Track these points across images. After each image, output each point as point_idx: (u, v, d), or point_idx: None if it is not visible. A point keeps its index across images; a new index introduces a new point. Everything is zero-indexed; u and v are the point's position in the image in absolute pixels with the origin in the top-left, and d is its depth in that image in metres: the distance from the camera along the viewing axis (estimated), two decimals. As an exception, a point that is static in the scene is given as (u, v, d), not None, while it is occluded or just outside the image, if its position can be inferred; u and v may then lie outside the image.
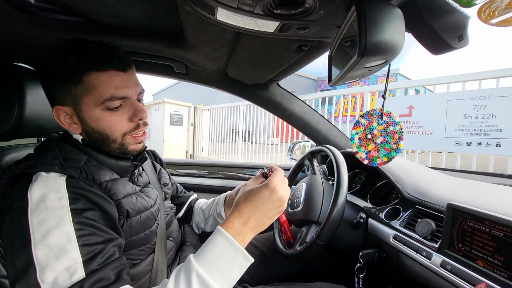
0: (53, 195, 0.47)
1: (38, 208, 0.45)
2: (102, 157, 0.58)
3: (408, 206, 0.80)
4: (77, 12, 0.73)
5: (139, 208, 0.60)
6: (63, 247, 0.43)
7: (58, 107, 0.55)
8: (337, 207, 0.76)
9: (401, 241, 0.75)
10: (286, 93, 1.16)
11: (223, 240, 0.48)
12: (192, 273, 0.44)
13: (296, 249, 0.85)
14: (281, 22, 0.48)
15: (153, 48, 0.85)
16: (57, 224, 0.44)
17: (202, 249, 0.48)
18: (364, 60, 0.35)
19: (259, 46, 0.70)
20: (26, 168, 0.50)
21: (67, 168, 0.52)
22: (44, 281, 0.41)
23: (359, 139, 0.56)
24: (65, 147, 0.55)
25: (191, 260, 0.46)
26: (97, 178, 0.54)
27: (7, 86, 0.61)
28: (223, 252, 0.47)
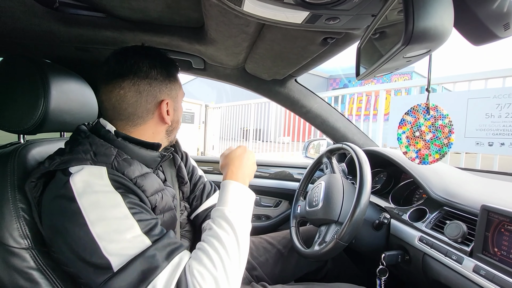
0: (98, 181, 0.49)
1: (86, 192, 0.47)
2: (133, 147, 0.59)
3: (435, 207, 0.77)
4: (99, 8, 0.73)
5: (163, 207, 0.60)
6: (121, 223, 0.47)
7: (167, 101, 0.62)
8: (360, 207, 0.73)
9: (427, 244, 0.71)
10: (304, 89, 1.13)
11: (232, 185, 0.60)
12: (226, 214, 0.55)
13: (316, 249, 0.83)
14: (311, 11, 0.46)
15: (173, 43, 0.84)
16: (110, 204, 0.48)
17: (221, 199, 0.59)
18: (408, 48, 0.32)
19: (282, 39, 0.68)
20: (60, 164, 0.51)
21: (97, 163, 0.52)
22: (111, 254, 0.44)
23: (406, 138, 0.53)
24: (95, 141, 0.56)
25: (218, 209, 0.57)
26: (127, 174, 0.54)
27: (33, 81, 0.61)
28: (236, 192, 0.60)
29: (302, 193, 1.11)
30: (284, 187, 1.42)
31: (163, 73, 0.61)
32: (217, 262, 0.48)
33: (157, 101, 0.61)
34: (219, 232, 0.52)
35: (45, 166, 0.52)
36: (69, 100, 0.70)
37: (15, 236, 0.52)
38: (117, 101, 0.58)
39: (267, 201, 1.43)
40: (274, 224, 1.37)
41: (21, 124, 0.61)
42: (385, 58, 0.39)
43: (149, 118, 0.61)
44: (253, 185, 1.42)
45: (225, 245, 0.50)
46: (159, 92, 0.61)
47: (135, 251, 0.45)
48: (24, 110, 0.61)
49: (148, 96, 0.59)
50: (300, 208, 1.05)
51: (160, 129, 0.64)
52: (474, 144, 2.51)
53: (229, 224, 0.53)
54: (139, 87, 0.58)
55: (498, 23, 0.43)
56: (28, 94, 0.61)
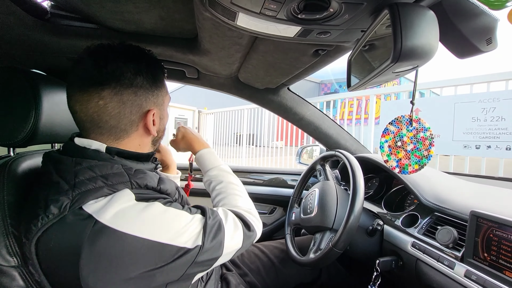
0: (129, 204, 0.46)
1: (126, 220, 0.44)
2: (131, 162, 0.54)
3: (426, 213, 0.78)
4: (92, 19, 0.73)
5: (181, 202, 0.60)
6: (175, 219, 0.49)
7: (154, 111, 0.56)
8: (354, 214, 0.74)
9: (420, 249, 0.73)
10: (297, 97, 1.15)
11: (208, 151, 0.79)
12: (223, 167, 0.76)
13: (311, 257, 0.83)
14: (303, 27, 0.48)
15: (167, 53, 0.84)
16: (155, 213, 0.47)
17: (210, 162, 0.76)
18: (397, 65, 0.34)
19: (275, 50, 0.69)
20: (73, 205, 0.44)
21: (115, 186, 0.47)
22: (185, 243, 0.48)
23: (388, 147, 0.55)
24: (91, 164, 0.49)
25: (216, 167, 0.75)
26: (150, 185, 0.51)
27: (23, 92, 0.60)
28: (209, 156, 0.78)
29: (297, 200, 1.12)
30: (278, 194, 1.42)
31: (149, 79, 0.54)
32: (242, 194, 0.71)
33: (142, 112, 0.54)
34: (229, 179, 0.72)
35: (53, 214, 0.43)
36: (61, 111, 0.69)
37: (3, 254, 0.50)
38: (96, 112, 0.50)
39: (261, 208, 1.43)
40: (269, 231, 1.37)
41: (11, 137, 0.60)
42: (375, 73, 0.40)
43: (134, 130, 0.54)
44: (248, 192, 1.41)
45: (237, 184, 0.72)
46: (145, 101, 0.54)
47: (198, 228, 0.51)
48: (14, 122, 0.60)
49: (133, 106, 0.52)
50: (294, 215, 1.06)
51: (146, 140, 0.58)
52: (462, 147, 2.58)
53: (228, 172, 0.75)
54: (123, 96, 0.50)
55: (481, 38, 0.45)
56: (18, 106, 0.60)
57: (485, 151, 2.45)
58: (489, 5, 0.41)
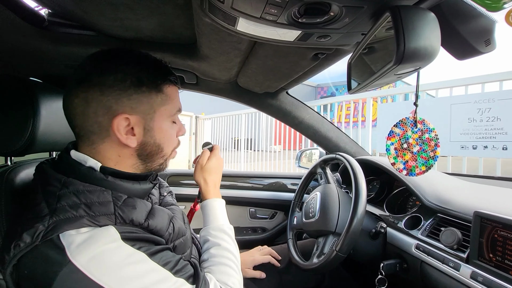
0: (111, 247, 0.42)
1: (107, 271, 0.40)
2: (125, 183, 0.51)
3: (429, 215, 0.78)
4: (90, 26, 0.73)
5: (176, 235, 0.56)
6: (160, 279, 0.45)
7: (125, 116, 0.49)
8: (357, 217, 0.74)
9: (424, 251, 0.72)
10: (296, 101, 1.15)
11: (218, 203, 0.71)
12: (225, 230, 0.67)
13: (314, 261, 0.82)
14: (303, 31, 0.48)
15: (165, 59, 0.83)
16: (142, 270, 0.43)
17: (213, 216, 0.68)
18: (399, 67, 0.34)
19: (274, 55, 0.69)
20: (46, 233, 0.40)
21: (97, 218, 0.43)
22: None
23: (395, 149, 0.54)
24: (79, 188, 0.45)
25: (217, 226, 0.67)
26: (136, 220, 0.47)
27: (21, 101, 0.60)
28: (217, 210, 0.70)
29: (298, 204, 1.11)
30: (279, 198, 1.41)
31: (126, 80, 0.48)
32: (236, 269, 0.62)
33: (112, 115, 0.48)
34: (227, 246, 0.64)
35: (25, 242, 0.39)
36: (59, 119, 0.68)
37: None
38: (69, 111, 0.49)
39: (262, 213, 1.42)
40: (271, 236, 1.36)
41: (9, 146, 0.59)
42: (377, 75, 0.41)
43: (106, 135, 0.49)
44: (248, 197, 1.41)
45: (235, 255, 0.63)
46: (115, 103, 0.48)
47: None
48: (12, 131, 0.59)
49: (99, 107, 0.47)
50: (296, 219, 1.05)
51: (126, 152, 0.52)
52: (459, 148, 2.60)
53: (230, 237, 0.66)
54: (88, 94, 0.47)
55: (480, 39, 0.45)
56: (16, 115, 0.60)
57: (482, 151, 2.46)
58: (487, 7, 0.42)
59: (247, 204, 1.40)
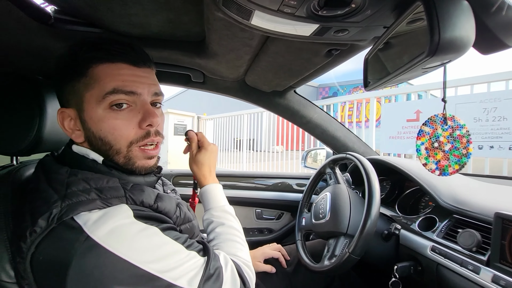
0: (126, 221, 0.42)
1: (121, 239, 0.41)
2: (128, 176, 0.51)
3: (444, 216, 0.76)
4: (97, 23, 0.71)
5: (182, 220, 0.56)
6: (172, 251, 0.45)
7: (62, 110, 0.47)
8: (371, 219, 0.72)
9: (440, 254, 0.70)
10: (304, 100, 1.13)
11: (216, 187, 0.70)
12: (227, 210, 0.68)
13: (326, 264, 0.80)
14: (321, 24, 0.46)
15: (172, 57, 0.83)
16: (156, 241, 0.44)
17: (214, 199, 0.68)
18: (432, 59, 0.32)
19: (286, 51, 0.67)
20: (62, 215, 0.40)
21: (109, 200, 0.44)
22: (176, 279, 0.42)
23: (425, 149, 0.52)
24: (87, 175, 0.45)
25: (219, 207, 0.67)
26: (146, 202, 0.47)
27: (27, 100, 0.58)
28: (216, 193, 0.70)
29: (306, 205, 1.09)
30: (285, 199, 1.39)
31: (55, 72, 0.49)
32: (243, 243, 0.63)
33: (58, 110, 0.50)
34: (231, 224, 0.65)
35: (40, 227, 0.40)
36: None
37: (7, 270, 0.48)
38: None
39: (268, 213, 1.40)
40: (277, 237, 1.34)
41: (15, 146, 0.58)
42: (402, 70, 0.39)
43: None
44: (254, 197, 1.39)
45: (240, 231, 0.65)
46: (59, 98, 0.51)
47: (195, 269, 0.45)
48: (18, 130, 0.58)
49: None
50: (305, 220, 1.03)
51: (82, 147, 0.51)
52: (465, 148, 2.56)
53: (233, 216, 0.68)
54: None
55: (507, 31, 0.43)
56: (22, 114, 0.58)
57: (488, 151, 2.44)
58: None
59: (253, 204, 1.38)
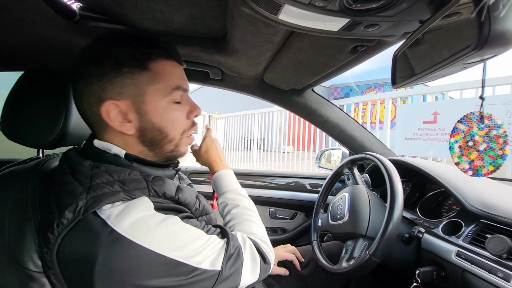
0: (147, 213, 0.43)
1: (143, 231, 0.42)
2: (149, 169, 0.52)
3: (471, 220, 0.73)
4: (121, 20, 0.72)
5: (200, 212, 0.58)
6: (194, 236, 0.46)
7: (112, 102, 0.47)
8: (393, 221, 0.70)
9: (467, 259, 0.67)
10: (321, 99, 1.11)
11: (227, 172, 0.72)
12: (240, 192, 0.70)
13: (344, 266, 0.79)
14: (352, 19, 0.45)
15: (193, 54, 0.83)
16: (175, 229, 0.45)
17: (226, 184, 0.70)
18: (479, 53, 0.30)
19: (310, 48, 0.66)
20: (87, 208, 0.41)
21: (133, 192, 0.45)
22: (200, 263, 0.44)
23: (459, 147, 0.50)
24: (110, 168, 0.46)
25: (232, 190, 0.69)
26: (168, 193, 0.49)
27: (54, 94, 0.60)
28: (228, 177, 0.71)
29: (322, 205, 1.07)
30: (299, 199, 1.38)
31: (105, 64, 0.46)
32: (258, 222, 0.65)
33: (100, 103, 0.47)
34: (246, 205, 0.67)
35: (67, 219, 0.41)
36: None
37: (34, 259, 0.49)
38: (76, 106, 0.53)
39: (282, 213, 1.39)
40: (291, 237, 1.32)
41: (42, 139, 0.59)
42: (441, 65, 0.37)
43: (106, 124, 0.48)
44: (267, 196, 1.38)
45: (254, 212, 0.67)
46: (101, 91, 0.47)
47: (217, 251, 0.48)
48: (45, 124, 0.59)
49: (90, 97, 0.47)
50: (321, 221, 1.01)
51: (130, 140, 0.51)
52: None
53: (247, 198, 0.69)
54: (80, 87, 0.48)
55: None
56: (49, 108, 0.59)
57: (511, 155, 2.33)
58: None
59: (266, 203, 1.37)
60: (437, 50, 0.40)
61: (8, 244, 0.48)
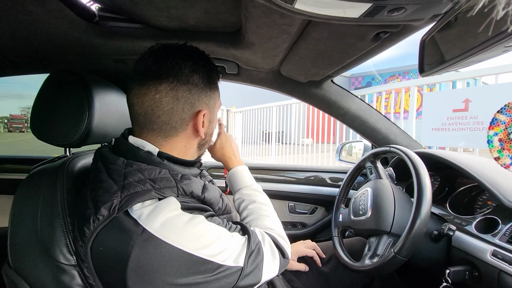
0: (174, 213, 0.46)
1: (172, 230, 0.44)
2: (178, 167, 0.54)
3: (509, 217, 0.67)
4: (137, 19, 0.73)
5: (223, 211, 0.59)
6: (218, 235, 0.48)
7: (204, 112, 0.55)
8: (421, 218, 0.66)
9: (504, 260, 0.62)
10: (341, 90, 1.07)
11: (242, 168, 0.74)
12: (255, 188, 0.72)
13: (367, 263, 0.76)
14: (374, 3, 0.41)
15: (208, 49, 0.82)
16: (201, 228, 0.46)
17: (241, 180, 0.72)
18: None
19: (329, 37, 0.63)
20: (121, 206, 0.44)
21: (163, 190, 0.47)
22: (224, 260, 0.46)
23: (499, 140, 0.46)
24: (141, 167, 0.49)
25: (248, 186, 0.71)
26: (195, 193, 0.51)
27: (78, 94, 0.62)
28: (245, 173, 0.74)
29: (343, 200, 1.04)
30: (319, 193, 1.35)
31: (205, 79, 0.55)
32: (274, 217, 0.67)
33: (194, 111, 0.54)
34: (262, 201, 0.68)
35: (103, 215, 0.44)
36: (110, 112, 0.70)
37: (64, 253, 0.51)
38: (151, 106, 0.51)
39: (302, 207, 1.37)
40: (311, 232, 1.30)
41: (67, 138, 0.62)
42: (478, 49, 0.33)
43: (183, 129, 0.54)
44: (287, 191, 1.37)
45: (270, 207, 0.69)
46: (197, 101, 0.54)
47: (239, 248, 0.50)
48: (70, 123, 0.62)
49: (186, 104, 0.52)
50: (342, 216, 0.98)
51: (192, 142, 0.58)
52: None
53: (262, 194, 0.71)
54: (177, 92, 0.51)
55: None
56: (73, 108, 0.62)
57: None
58: None
59: (285, 198, 1.36)
60: (472, 32, 0.36)
61: (40, 239, 0.51)
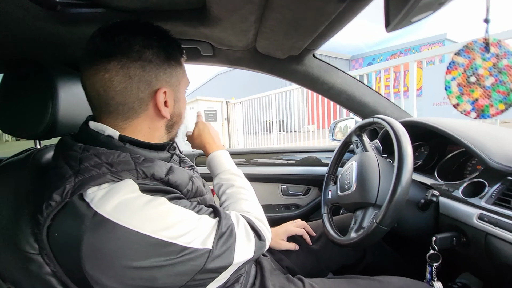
0: (132, 195, 0.44)
1: (127, 212, 0.42)
2: (143, 151, 0.52)
3: (495, 179, 0.64)
4: (98, 2, 0.70)
5: (194, 193, 0.57)
6: (182, 216, 0.46)
7: (164, 89, 0.52)
8: (402, 185, 0.64)
9: (491, 222, 0.60)
10: (324, 64, 1.03)
11: (221, 153, 0.74)
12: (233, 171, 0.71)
13: (352, 236, 0.75)
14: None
15: (176, 29, 0.79)
16: (163, 209, 0.45)
17: (221, 165, 0.72)
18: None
19: (292, 2, 0.59)
20: (74, 191, 0.42)
21: (120, 173, 0.45)
22: (190, 243, 0.44)
23: (458, 85, 0.42)
24: (99, 151, 0.47)
25: (226, 170, 0.71)
26: (157, 175, 0.48)
27: (39, 85, 0.60)
28: (223, 158, 0.73)
29: (332, 177, 1.02)
30: (312, 173, 1.33)
31: (161, 54, 0.51)
32: (253, 200, 0.66)
33: (152, 90, 0.50)
34: (240, 185, 0.68)
35: (55, 201, 0.42)
36: (79, 101, 0.68)
37: (31, 242, 0.51)
38: (102, 87, 0.48)
39: (295, 189, 1.36)
40: (305, 213, 1.30)
41: (33, 129, 0.61)
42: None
43: (143, 110, 0.51)
44: (279, 173, 1.35)
45: (249, 190, 0.68)
46: (154, 79, 0.50)
47: (208, 230, 0.48)
48: (34, 115, 0.60)
49: (141, 82, 0.49)
50: (331, 193, 0.97)
51: (158, 124, 0.55)
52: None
53: (241, 178, 0.70)
54: (129, 70, 0.48)
55: None
56: (36, 99, 0.61)
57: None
58: None
59: (278, 180, 1.35)
60: None
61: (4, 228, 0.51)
